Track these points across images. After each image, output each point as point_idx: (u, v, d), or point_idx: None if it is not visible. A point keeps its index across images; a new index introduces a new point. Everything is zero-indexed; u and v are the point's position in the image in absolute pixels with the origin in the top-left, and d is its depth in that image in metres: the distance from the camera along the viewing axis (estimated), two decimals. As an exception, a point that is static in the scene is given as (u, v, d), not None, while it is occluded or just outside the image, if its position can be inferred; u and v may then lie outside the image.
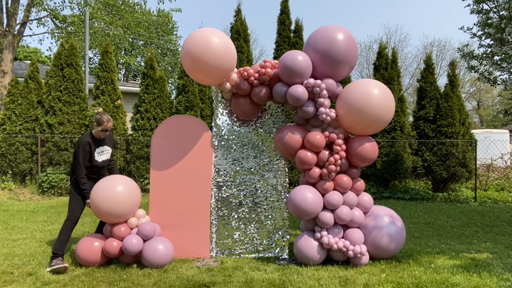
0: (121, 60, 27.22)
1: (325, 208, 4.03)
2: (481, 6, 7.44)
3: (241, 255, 4.39)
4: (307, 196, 3.92)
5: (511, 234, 5.47)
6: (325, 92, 3.98)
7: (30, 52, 27.06)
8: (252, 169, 4.47)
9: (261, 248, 4.42)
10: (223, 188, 4.46)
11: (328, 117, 3.97)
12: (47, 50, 37.01)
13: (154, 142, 4.39)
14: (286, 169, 4.49)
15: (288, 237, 4.42)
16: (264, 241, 4.42)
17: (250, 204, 4.45)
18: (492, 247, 4.73)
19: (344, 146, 4.00)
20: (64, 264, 3.81)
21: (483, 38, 7.52)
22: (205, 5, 51.03)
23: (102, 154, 4.30)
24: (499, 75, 8.05)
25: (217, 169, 4.46)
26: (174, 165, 4.35)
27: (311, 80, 4.00)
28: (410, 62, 32.82)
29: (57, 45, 17.99)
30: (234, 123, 4.51)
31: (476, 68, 8.15)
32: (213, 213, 4.42)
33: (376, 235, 4.01)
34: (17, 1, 12.18)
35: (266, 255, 4.39)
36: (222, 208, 4.44)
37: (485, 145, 11.64)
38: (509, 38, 6.65)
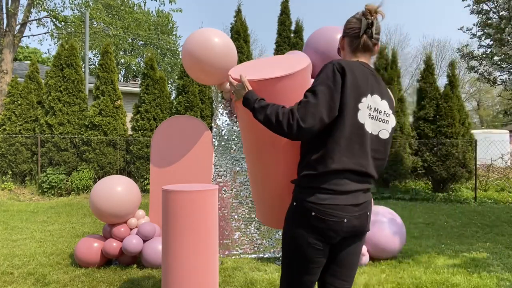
0: (121, 61, 27.22)
1: (325, 208, 4.01)
2: (480, 6, 7.45)
3: (241, 256, 4.39)
4: (307, 196, 3.91)
5: (511, 234, 5.47)
6: (325, 92, 3.98)
7: (30, 52, 27.05)
8: (252, 170, 4.47)
9: (261, 249, 4.42)
10: (223, 188, 4.46)
11: (328, 118, 3.96)
12: (45, 52, 36.69)
13: (154, 142, 4.39)
14: (286, 169, 4.48)
15: (288, 237, 4.42)
16: (264, 241, 4.42)
17: (250, 204, 4.44)
18: (492, 247, 4.73)
19: (344, 146, 3.99)
20: None
21: (483, 38, 7.53)
22: (205, 5, 51.07)
23: None
24: (499, 76, 8.05)
25: (217, 169, 4.46)
26: (174, 165, 4.35)
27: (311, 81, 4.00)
28: (410, 63, 32.87)
29: (56, 45, 18.00)
30: (234, 124, 4.51)
31: (475, 69, 8.16)
32: (213, 214, 4.41)
33: (376, 235, 4.01)
34: (17, 1, 12.18)
35: (266, 256, 4.39)
36: (222, 208, 4.44)
37: (485, 145, 11.63)
38: (509, 38, 6.65)
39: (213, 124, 4.51)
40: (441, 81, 35.81)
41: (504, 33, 6.64)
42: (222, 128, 4.50)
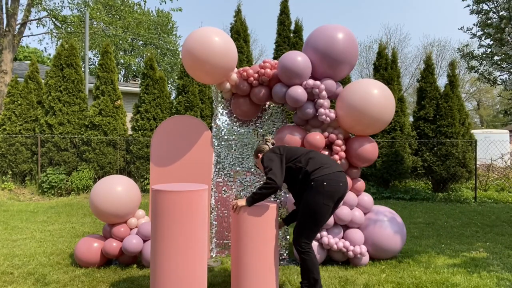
0: (121, 61, 27.21)
1: (325, 208, 4.01)
2: (480, 6, 7.44)
3: (241, 255, 4.38)
4: (307, 196, 3.91)
5: (511, 234, 5.47)
6: (324, 93, 3.98)
7: (30, 52, 27.04)
8: (252, 169, 4.47)
9: (261, 248, 4.41)
10: (223, 188, 4.46)
11: (327, 118, 3.97)
12: (42, 50, 36.49)
13: (154, 142, 4.39)
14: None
15: (288, 237, 4.42)
16: (264, 241, 4.41)
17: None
18: (492, 247, 4.73)
19: (343, 147, 4.00)
20: None
21: (483, 38, 7.53)
22: (205, 5, 51.06)
23: None
24: (499, 75, 8.06)
25: (217, 169, 4.46)
26: (174, 165, 4.35)
27: (310, 81, 3.99)
28: (410, 62, 32.81)
29: (56, 45, 17.97)
30: (234, 123, 4.51)
31: (476, 69, 8.16)
32: (213, 213, 4.42)
33: (376, 235, 4.01)
34: (17, 1, 12.18)
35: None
36: (222, 208, 4.44)
37: (485, 145, 11.64)
38: (509, 38, 6.65)
39: (213, 124, 4.51)
40: (441, 81, 35.86)
41: (504, 33, 6.64)
42: (222, 128, 4.50)
